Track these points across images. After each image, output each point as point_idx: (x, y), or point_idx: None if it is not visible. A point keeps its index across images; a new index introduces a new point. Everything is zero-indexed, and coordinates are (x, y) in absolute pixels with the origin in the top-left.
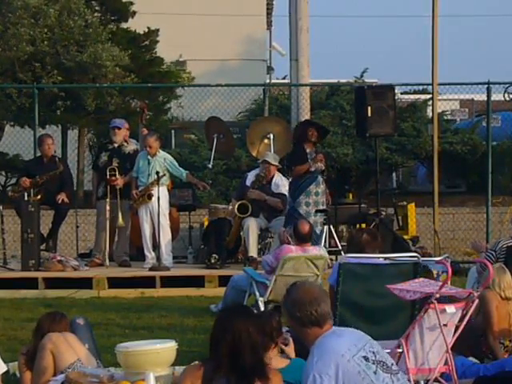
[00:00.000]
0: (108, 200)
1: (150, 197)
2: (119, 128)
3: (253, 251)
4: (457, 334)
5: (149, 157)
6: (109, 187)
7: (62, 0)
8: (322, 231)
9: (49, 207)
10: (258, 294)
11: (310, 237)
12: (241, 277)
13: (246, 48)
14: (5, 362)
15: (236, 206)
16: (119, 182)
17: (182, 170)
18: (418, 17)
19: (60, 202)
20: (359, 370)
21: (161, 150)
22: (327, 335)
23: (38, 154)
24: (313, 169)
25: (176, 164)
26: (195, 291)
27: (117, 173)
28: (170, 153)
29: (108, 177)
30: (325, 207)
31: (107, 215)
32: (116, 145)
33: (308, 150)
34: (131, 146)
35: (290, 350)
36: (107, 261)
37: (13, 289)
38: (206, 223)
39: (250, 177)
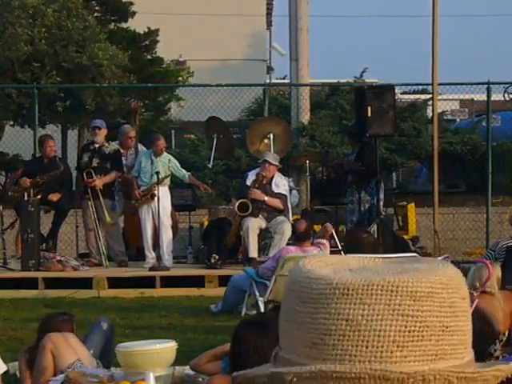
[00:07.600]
0: (91, 201)
1: (153, 197)
2: (100, 128)
3: (253, 251)
4: None
5: (152, 157)
6: (89, 189)
7: (60, 0)
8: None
9: (49, 207)
10: (257, 294)
11: (308, 235)
12: (241, 277)
13: (245, 48)
14: (5, 362)
15: (237, 204)
16: (97, 183)
17: (185, 172)
18: (418, 17)
19: (49, 200)
20: None
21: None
22: None
23: (38, 154)
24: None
25: (179, 165)
26: (195, 291)
27: (93, 174)
28: (170, 153)
29: (86, 178)
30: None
31: (92, 216)
32: (97, 145)
33: None
34: (111, 147)
35: None
36: (104, 260)
37: (13, 289)
38: (205, 223)
39: (251, 176)
